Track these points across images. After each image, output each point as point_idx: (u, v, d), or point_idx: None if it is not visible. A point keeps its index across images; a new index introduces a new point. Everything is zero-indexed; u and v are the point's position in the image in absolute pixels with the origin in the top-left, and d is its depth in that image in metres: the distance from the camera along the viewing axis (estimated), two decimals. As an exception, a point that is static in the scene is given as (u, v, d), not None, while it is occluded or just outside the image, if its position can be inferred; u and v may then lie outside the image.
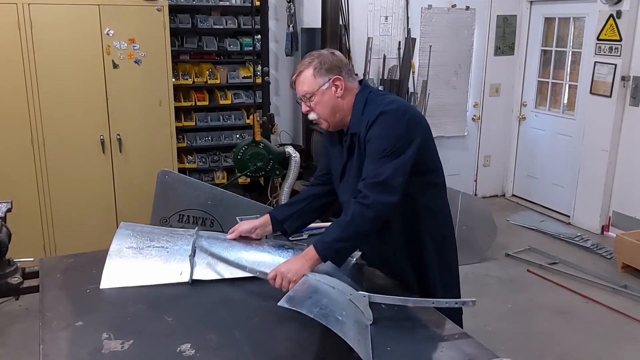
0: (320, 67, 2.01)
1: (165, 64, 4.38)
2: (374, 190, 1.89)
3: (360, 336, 1.66)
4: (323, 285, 1.83)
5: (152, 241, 2.18)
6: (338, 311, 1.69)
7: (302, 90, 2.04)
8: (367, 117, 1.99)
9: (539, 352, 3.52)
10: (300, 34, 5.41)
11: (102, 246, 2.21)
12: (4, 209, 2.44)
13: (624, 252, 4.62)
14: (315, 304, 1.67)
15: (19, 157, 4.11)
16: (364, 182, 1.92)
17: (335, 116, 2.06)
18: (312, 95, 2.02)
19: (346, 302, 1.79)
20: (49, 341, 1.71)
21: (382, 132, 1.94)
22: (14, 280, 2.20)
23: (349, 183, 2.07)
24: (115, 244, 2.14)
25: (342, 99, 2.04)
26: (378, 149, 1.93)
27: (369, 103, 2.03)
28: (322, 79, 2.01)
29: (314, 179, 2.35)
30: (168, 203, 3.48)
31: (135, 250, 2.12)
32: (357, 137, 2.02)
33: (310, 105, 2.04)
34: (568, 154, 5.81)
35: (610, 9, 5.10)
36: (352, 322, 1.69)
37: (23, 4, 3.93)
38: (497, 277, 4.56)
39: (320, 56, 2.04)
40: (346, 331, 1.60)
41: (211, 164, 5.17)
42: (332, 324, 1.59)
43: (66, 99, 4.15)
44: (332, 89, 2.02)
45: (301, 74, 2.03)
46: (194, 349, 1.66)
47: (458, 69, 6.19)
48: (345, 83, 2.03)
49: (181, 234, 2.27)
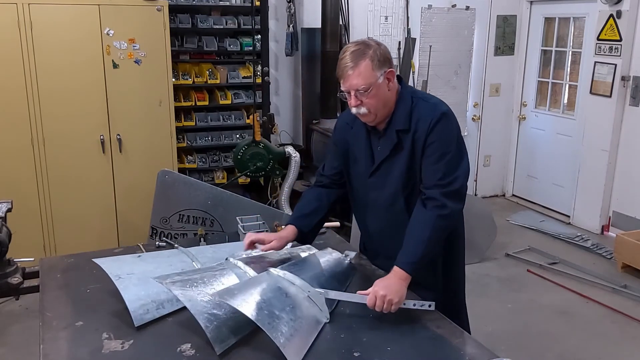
0: (375, 59, 1.90)
1: (165, 64, 4.38)
2: (451, 199, 1.90)
3: (301, 332, 1.69)
4: (282, 280, 1.87)
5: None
6: (279, 306, 1.72)
7: (357, 84, 1.90)
8: (421, 115, 1.95)
9: (539, 352, 3.52)
10: (300, 34, 5.41)
11: (102, 246, 2.22)
12: (4, 208, 2.44)
13: (624, 252, 4.62)
14: (252, 298, 1.70)
15: (19, 157, 4.11)
16: (440, 190, 1.90)
17: (384, 110, 1.97)
18: (368, 88, 1.90)
19: (301, 299, 1.82)
20: (49, 341, 1.71)
21: (448, 135, 1.94)
22: (14, 280, 2.21)
23: (385, 179, 2.03)
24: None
25: (391, 92, 1.97)
26: (444, 151, 1.92)
27: (419, 101, 1.99)
28: (378, 71, 1.91)
29: (323, 177, 2.28)
30: (168, 203, 3.49)
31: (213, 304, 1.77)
32: (409, 135, 1.96)
33: (363, 99, 1.93)
34: (568, 154, 5.81)
35: (610, 9, 5.10)
36: (294, 318, 1.71)
37: (23, 4, 3.92)
38: (497, 277, 4.56)
39: (371, 47, 1.92)
40: (276, 325, 1.64)
41: (211, 164, 5.16)
42: (259, 318, 1.63)
43: (66, 98, 4.15)
44: (385, 82, 1.94)
45: (359, 66, 1.89)
46: (194, 349, 1.67)
47: (458, 69, 6.19)
48: (395, 76, 1.97)
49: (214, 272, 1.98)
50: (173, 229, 3.50)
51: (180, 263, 2.15)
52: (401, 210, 2.05)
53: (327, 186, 2.26)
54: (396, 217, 2.06)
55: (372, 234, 2.23)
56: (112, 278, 1.95)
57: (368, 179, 2.08)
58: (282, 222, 2.78)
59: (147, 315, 1.83)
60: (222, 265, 2.04)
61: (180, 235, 3.48)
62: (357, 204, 2.22)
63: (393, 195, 2.04)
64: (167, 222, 3.48)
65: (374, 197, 2.09)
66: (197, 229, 3.11)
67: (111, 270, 2.00)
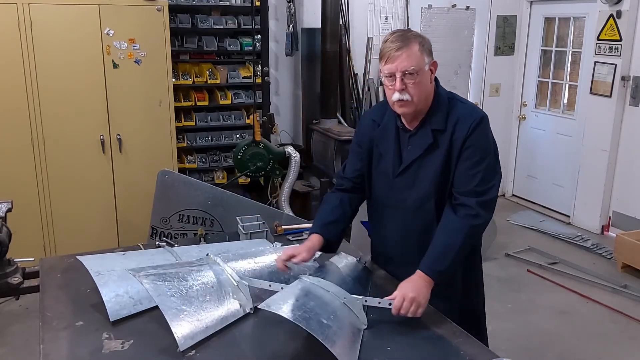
0: (424, 46, 1.87)
1: (165, 64, 4.38)
2: (484, 209, 1.88)
3: (348, 340, 1.66)
4: (317, 288, 1.82)
5: (181, 281, 1.86)
6: (325, 315, 1.67)
7: (407, 65, 1.83)
8: (460, 117, 1.91)
9: (539, 352, 3.52)
10: (300, 34, 5.41)
11: (102, 246, 2.22)
12: (4, 208, 2.45)
13: (624, 252, 4.62)
14: (300, 307, 1.66)
15: (19, 157, 4.11)
16: (476, 199, 1.87)
17: (424, 103, 1.92)
18: (418, 71, 1.84)
19: (339, 306, 1.78)
20: (49, 341, 1.71)
21: (486, 140, 1.93)
22: (14, 280, 2.21)
23: (414, 180, 1.98)
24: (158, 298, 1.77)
25: (431, 86, 1.93)
26: (482, 156, 1.90)
27: (456, 102, 1.96)
28: (427, 58, 1.87)
29: (345, 180, 2.17)
30: (168, 203, 3.48)
31: (182, 300, 1.78)
32: (445, 135, 1.92)
33: (408, 83, 1.85)
34: (568, 154, 5.81)
35: (610, 9, 5.10)
36: (339, 326, 1.68)
37: (23, 4, 3.92)
38: (497, 277, 4.56)
39: (419, 36, 1.88)
40: (329, 335, 1.59)
41: (211, 164, 5.16)
42: (313, 328, 1.58)
43: (66, 98, 4.15)
44: (429, 72, 1.89)
45: (410, 47, 1.83)
46: (194, 349, 1.66)
47: (458, 69, 6.19)
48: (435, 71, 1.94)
49: (197, 267, 1.99)
50: (173, 229, 3.50)
51: (164, 262, 2.14)
52: (430, 213, 1.99)
53: (349, 190, 2.17)
54: (424, 220, 2.00)
55: (389, 237, 2.14)
56: (92, 274, 1.96)
57: (394, 179, 2.02)
58: (282, 222, 2.78)
59: (123, 310, 1.82)
60: (201, 261, 2.03)
61: (180, 235, 3.48)
62: (377, 205, 2.14)
63: (424, 197, 1.98)
64: (167, 222, 3.47)
65: (401, 198, 2.02)
66: (197, 229, 3.11)
67: (92, 267, 2.01)
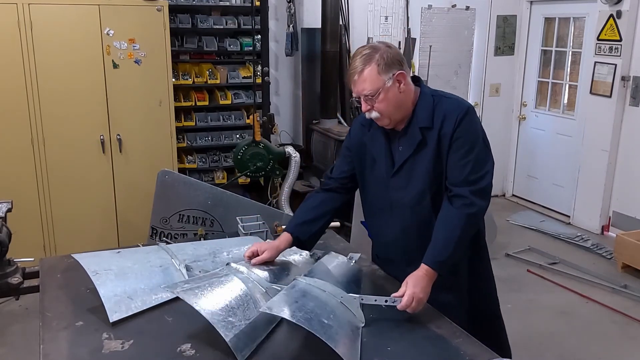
0: (382, 63, 1.89)
1: (165, 64, 4.38)
2: (479, 197, 1.92)
3: (348, 339, 1.66)
4: (313, 288, 1.82)
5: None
6: (325, 315, 1.68)
7: (364, 89, 1.91)
8: (447, 111, 1.94)
9: (539, 352, 3.52)
10: (300, 34, 5.41)
11: (102, 246, 2.22)
12: (4, 209, 2.44)
13: (624, 252, 4.62)
14: (300, 309, 1.66)
15: (19, 157, 4.11)
16: (469, 188, 1.90)
17: (398, 113, 1.96)
18: (376, 93, 1.90)
19: (336, 305, 1.78)
20: (49, 341, 1.71)
21: (474, 130, 1.94)
22: (14, 280, 2.21)
23: (409, 178, 2.01)
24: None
25: (404, 94, 1.95)
26: (472, 146, 1.92)
27: (441, 98, 1.99)
28: (386, 75, 1.90)
29: (331, 180, 2.22)
30: (168, 203, 3.48)
31: (227, 312, 1.72)
32: (433, 132, 1.94)
33: (372, 104, 1.93)
34: (568, 154, 5.81)
35: (610, 9, 5.10)
36: (339, 325, 1.68)
37: (23, 4, 3.92)
38: (497, 277, 4.49)
39: (379, 50, 1.91)
40: (331, 334, 1.60)
41: (211, 164, 5.16)
42: (316, 328, 1.59)
43: (66, 98, 4.15)
44: (396, 84, 1.92)
45: (363, 72, 1.90)
46: (194, 349, 1.67)
47: (458, 69, 6.19)
48: (407, 77, 1.96)
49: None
50: (173, 229, 3.49)
51: (159, 260, 2.13)
52: (428, 209, 2.01)
53: (334, 190, 2.20)
54: (422, 216, 2.03)
55: (390, 238, 2.15)
56: (90, 274, 1.95)
57: (390, 179, 2.05)
58: (282, 222, 2.78)
59: (122, 311, 1.82)
60: (224, 270, 2.00)
61: (180, 235, 3.47)
62: (375, 208, 2.16)
63: (419, 194, 2.00)
64: (167, 222, 3.47)
65: (398, 197, 2.05)
66: (197, 229, 3.11)
67: (89, 266, 2.00)
